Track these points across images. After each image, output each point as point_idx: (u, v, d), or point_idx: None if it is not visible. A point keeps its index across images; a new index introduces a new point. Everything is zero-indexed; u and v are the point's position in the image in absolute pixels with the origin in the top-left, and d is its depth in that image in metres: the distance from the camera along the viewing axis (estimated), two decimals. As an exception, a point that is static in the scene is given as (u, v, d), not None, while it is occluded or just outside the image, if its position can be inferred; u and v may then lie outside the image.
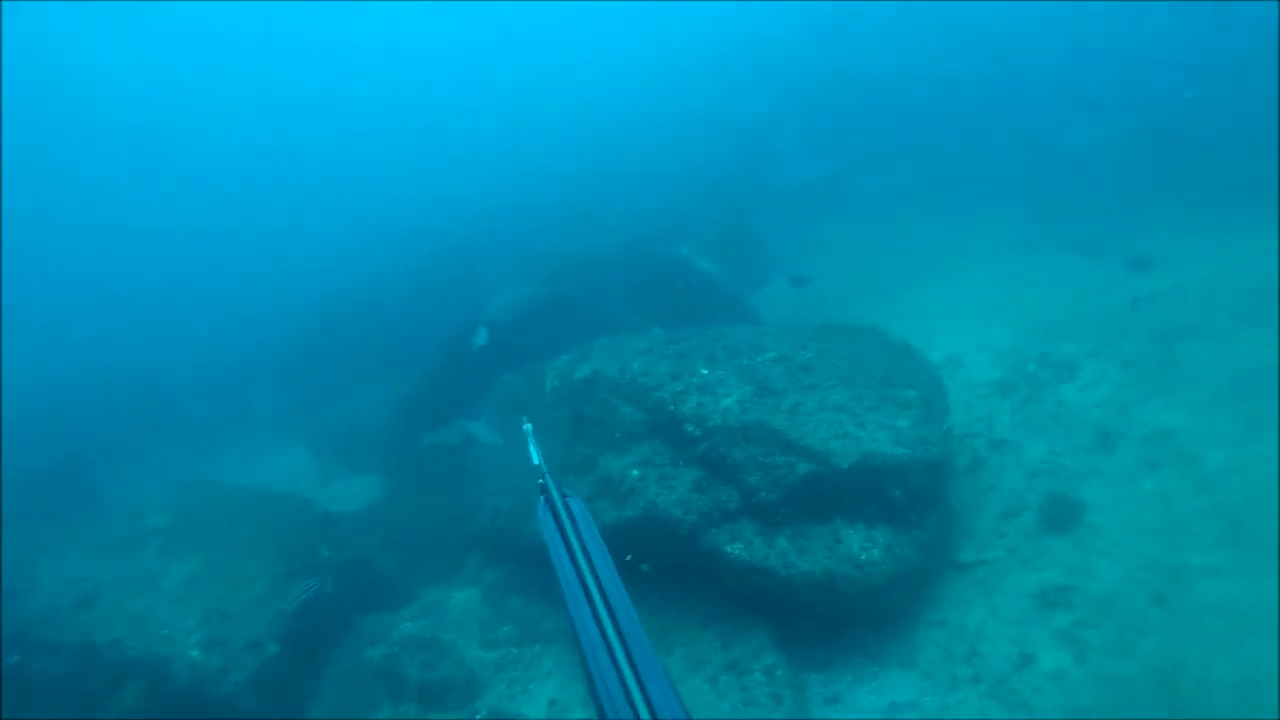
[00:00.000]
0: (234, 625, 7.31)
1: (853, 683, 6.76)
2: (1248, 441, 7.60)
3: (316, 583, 7.57)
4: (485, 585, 9.20)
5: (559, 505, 2.22)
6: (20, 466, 12.96)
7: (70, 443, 14.74)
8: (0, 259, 26.23)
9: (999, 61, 19.75)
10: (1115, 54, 17.95)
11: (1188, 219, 13.29)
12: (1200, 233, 12.76)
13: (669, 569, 7.37)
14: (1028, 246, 14.74)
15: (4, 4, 32.50)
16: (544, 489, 2.36)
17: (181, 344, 19.61)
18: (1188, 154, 14.74)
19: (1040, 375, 9.88)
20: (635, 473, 7.73)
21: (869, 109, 21.10)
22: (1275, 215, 11.90)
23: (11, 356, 19.57)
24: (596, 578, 2.02)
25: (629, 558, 2.93)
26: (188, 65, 39.02)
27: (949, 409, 8.71)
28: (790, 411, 7.88)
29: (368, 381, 15.16)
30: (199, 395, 16.47)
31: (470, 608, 9.01)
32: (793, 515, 7.40)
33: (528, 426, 2.79)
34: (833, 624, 7.31)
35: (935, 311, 13.39)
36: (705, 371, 8.51)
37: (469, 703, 7.55)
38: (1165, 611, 6.18)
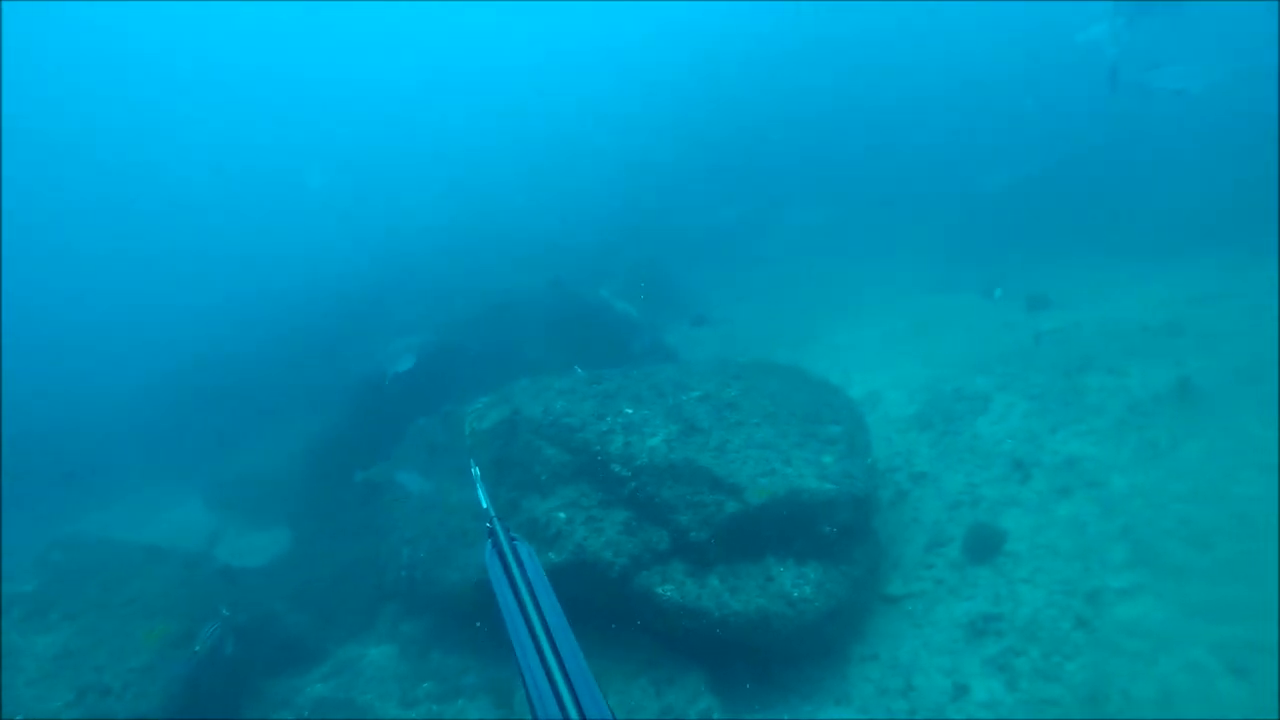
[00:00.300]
0: (116, 700, 6.57)
1: (788, 724, 6.62)
2: (1147, 467, 7.98)
3: (221, 624, 6.91)
4: (403, 639, 8.67)
5: (506, 549, 2.11)
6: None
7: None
8: None
9: (918, 105, 20.86)
10: (1024, 104, 19.21)
11: (1081, 261, 14.19)
12: (1092, 273, 13.63)
13: (599, 614, 7.11)
14: (939, 286, 15.40)
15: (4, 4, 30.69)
16: (491, 532, 2.25)
17: (58, 382, 18.14)
18: (1084, 200, 15.81)
19: (955, 409, 10.18)
20: (562, 515, 7.48)
21: (785, 152, 21.91)
22: (1159, 259, 12.86)
23: None
24: (545, 623, 1.91)
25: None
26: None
27: (870, 444, 8.82)
28: (717, 449, 7.82)
29: (272, 428, 14.36)
30: (78, 443, 15.15)
31: (387, 664, 8.46)
32: (724, 554, 7.28)
33: (475, 470, 2.67)
34: (767, 663, 7.18)
35: (852, 350, 13.76)
36: (630, 411, 8.38)
37: (388, 769, 7.02)
38: (1087, 634, 6.32)
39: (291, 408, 14.43)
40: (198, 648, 6.89)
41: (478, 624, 8.14)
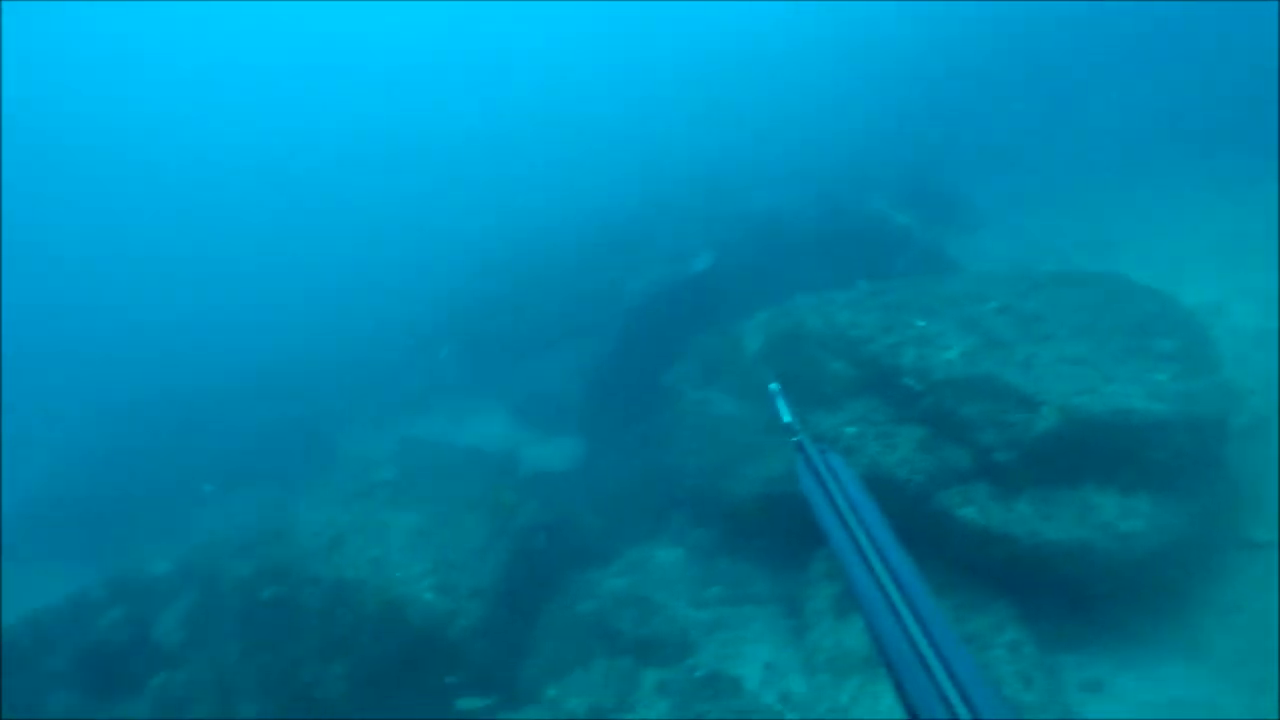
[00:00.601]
0: (459, 573, 7.66)
1: (1116, 668, 5.98)
2: None
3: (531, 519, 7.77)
4: (690, 545, 9.12)
5: (818, 463, 1.93)
6: (266, 418, 14.84)
7: (306, 402, 16.45)
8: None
9: None
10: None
11: None
12: None
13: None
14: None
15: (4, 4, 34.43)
16: (801, 447, 2.08)
17: (369, 319, 20.82)
18: None
19: (1333, 321, 8.28)
20: (851, 430, 7.28)
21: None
22: None
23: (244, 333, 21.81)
24: (873, 539, 1.71)
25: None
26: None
27: (1218, 361, 7.50)
28: (1023, 364, 7.09)
29: (554, 347, 15.56)
30: (399, 364, 17.54)
31: (675, 567, 8.96)
32: (1033, 478, 6.65)
33: (774, 386, 2.51)
34: (1084, 599, 6.51)
35: (1175, 258, 11.69)
36: (921, 323, 7.86)
37: (682, 660, 7.49)
38: None
39: (571, 330, 15.54)
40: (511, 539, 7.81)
41: (762, 540, 8.35)
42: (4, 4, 35.47)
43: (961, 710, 1.25)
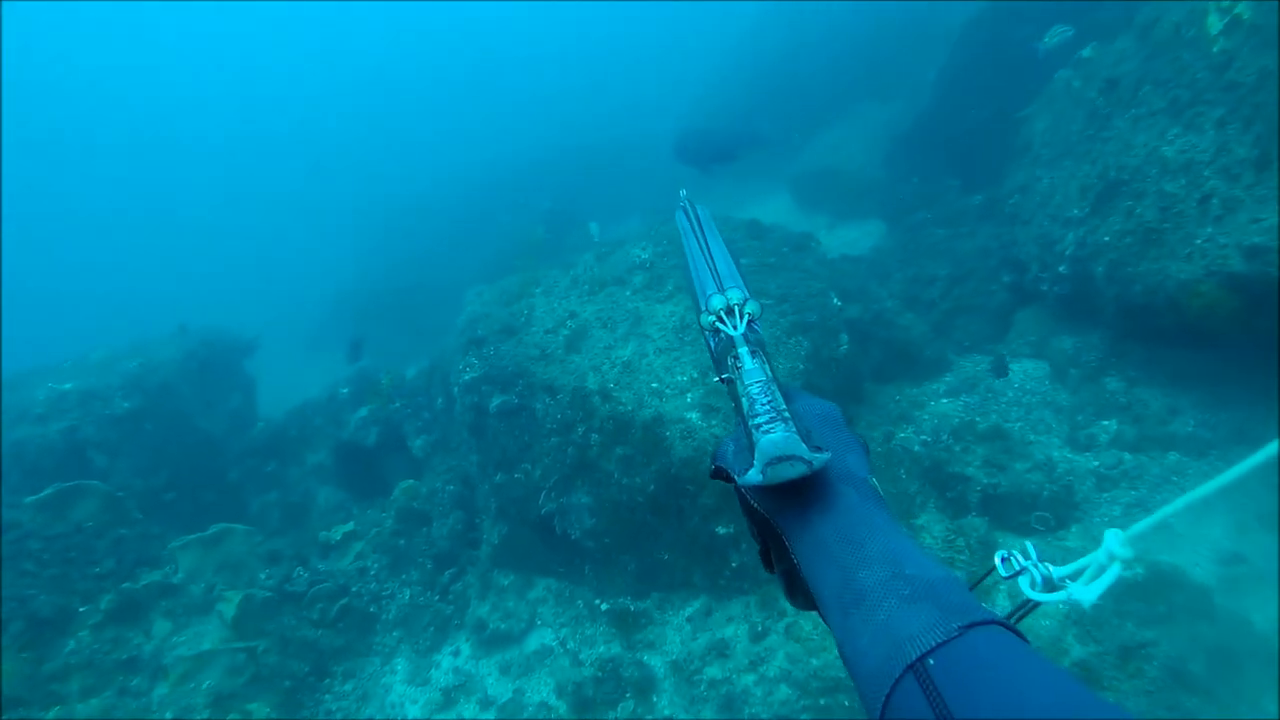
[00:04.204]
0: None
1: None
2: None
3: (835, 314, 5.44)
4: (1055, 356, 6.29)
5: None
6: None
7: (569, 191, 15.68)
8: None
9: None
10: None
11: None
12: None
13: None
14: None
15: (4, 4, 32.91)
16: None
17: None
18: None
19: None
20: None
21: None
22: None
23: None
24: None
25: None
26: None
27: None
28: None
29: (846, 116, 12.34)
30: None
31: (1037, 387, 6.25)
32: None
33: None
34: None
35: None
36: None
37: (1057, 530, 5.02)
38: None
39: (868, 94, 12.15)
40: (809, 338, 5.53)
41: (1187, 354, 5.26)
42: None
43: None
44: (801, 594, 0.84)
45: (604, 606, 5.72)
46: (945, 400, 6.48)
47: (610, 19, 32.54)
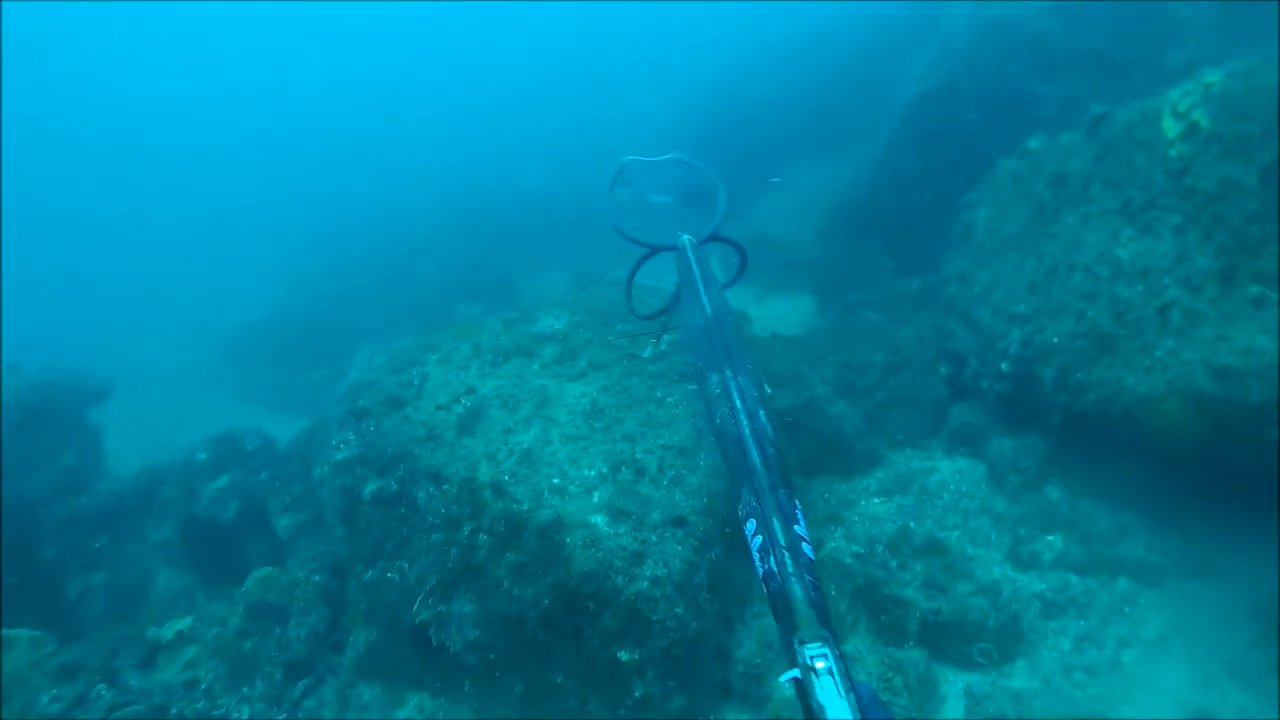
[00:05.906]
0: (651, 487, 4.95)
1: None
2: None
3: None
4: (995, 459, 5.87)
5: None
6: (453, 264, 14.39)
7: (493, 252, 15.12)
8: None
9: None
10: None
11: None
12: None
13: None
14: None
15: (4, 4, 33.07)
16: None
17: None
18: None
19: None
20: None
21: None
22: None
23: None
24: None
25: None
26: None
27: None
28: None
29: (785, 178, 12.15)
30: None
31: (974, 490, 5.80)
32: None
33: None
34: None
35: None
36: None
37: (1002, 665, 4.47)
38: None
39: (818, 147, 12.00)
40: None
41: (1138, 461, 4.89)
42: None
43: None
44: None
45: (485, 734, 4.83)
46: (877, 500, 5.94)
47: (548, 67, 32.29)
